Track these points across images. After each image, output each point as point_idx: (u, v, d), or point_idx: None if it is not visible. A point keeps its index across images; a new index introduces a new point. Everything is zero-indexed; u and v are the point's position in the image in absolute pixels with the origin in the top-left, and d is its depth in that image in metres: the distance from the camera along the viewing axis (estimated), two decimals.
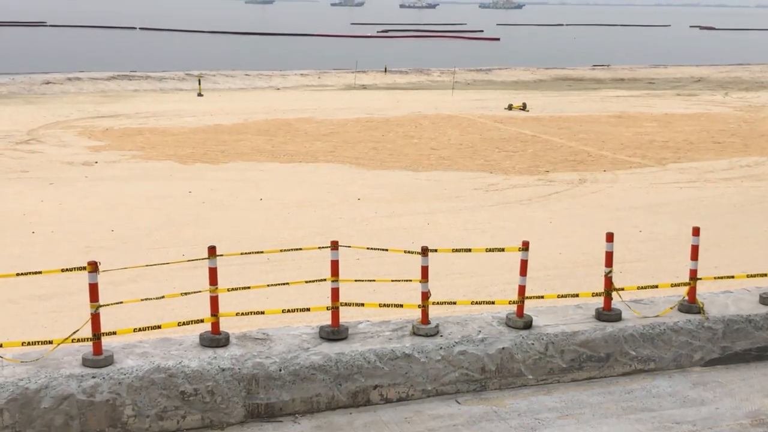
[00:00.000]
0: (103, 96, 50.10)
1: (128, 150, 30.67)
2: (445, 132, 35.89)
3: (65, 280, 14.92)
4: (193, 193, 23.44)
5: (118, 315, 12.38)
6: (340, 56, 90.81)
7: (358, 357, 8.65)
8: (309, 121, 39.15)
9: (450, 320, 9.55)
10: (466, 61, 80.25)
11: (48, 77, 55.70)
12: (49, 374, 7.85)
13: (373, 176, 26.38)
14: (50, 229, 19.23)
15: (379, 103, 47.33)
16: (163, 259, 16.25)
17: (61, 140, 32.70)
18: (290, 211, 21.46)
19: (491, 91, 56.80)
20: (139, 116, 40.45)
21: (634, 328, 9.52)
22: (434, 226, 19.93)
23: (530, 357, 9.13)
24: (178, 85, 56.51)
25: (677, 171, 27.55)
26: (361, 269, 15.99)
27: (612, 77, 69.79)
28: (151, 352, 8.40)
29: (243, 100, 48.63)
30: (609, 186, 25.04)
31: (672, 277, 14.99)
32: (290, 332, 9.09)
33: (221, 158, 29.23)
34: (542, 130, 36.69)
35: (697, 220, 18.94)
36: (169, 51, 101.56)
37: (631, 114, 43.38)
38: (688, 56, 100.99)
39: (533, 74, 70.55)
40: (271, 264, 16.43)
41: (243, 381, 8.28)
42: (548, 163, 28.76)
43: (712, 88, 60.31)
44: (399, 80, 64.41)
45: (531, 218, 20.90)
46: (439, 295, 12.39)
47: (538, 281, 15.02)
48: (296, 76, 63.04)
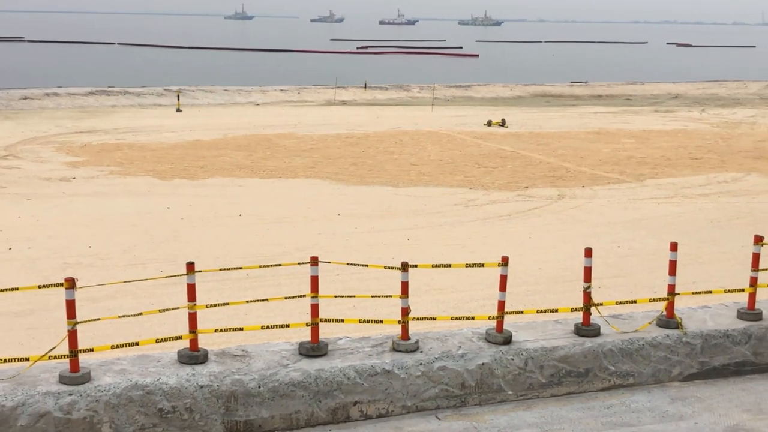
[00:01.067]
0: (82, 111, 49.88)
1: (106, 166, 30.52)
2: (425, 148, 35.98)
3: (42, 296, 14.80)
4: (171, 208, 23.35)
5: (96, 332, 12.30)
6: (320, 72, 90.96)
7: (338, 373, 8.62)
8: (289, 136, 39.13)
9: (430, 336, 9.54)
10: (445, 78, 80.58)
11: (26, 93, 55.41)
12: (26, 391, 7.77)
13: (353, 192, 26.38)
14: (27, 245, 19.08)
15: (359, 119, 47.40)
16: (141, 275, 16.16)
17: (39, 156, 32.51)
18: (270, 226, 21.41)
19: (471, 108, 57.02)
20: (118, 132, 40.29)
21: (613, 343, 9.55)
22: (414, 242, 19.94)
23: (510, 372, 9.13)
24: (157, 100, 56.35)
25: (655, 187, 27.73)
26: (341, 285, 15.96)
27: (590, 94, 70.25)
28: (129, 369, 8.34)
29: (222, 116, 48.56)
30: (587, 202, 25.16)
31: (650, 292, 15.06)
32: (269, 349, 9.05)
33: (200, 174, 29.14)
34: (521, 146, 36.85)
35: (674, 235, 19.05)
36: (148, 66, 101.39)
37: (609, 130, 43.66)
38: (666, 73, 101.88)
39: (512, 90, 70.91)
40: (251, 280, 16.37)
41: (222, 398, 8.23)
42: (527, 179, 28.87)
43: (689, 105, 60.82)
44: (379, 96, 64.56)
45: (510, 234, 20.95)
46: (419, 311, 12.38)
47: (518, 296, 15.04)
48: (276, 92, 63.05)
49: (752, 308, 10.32)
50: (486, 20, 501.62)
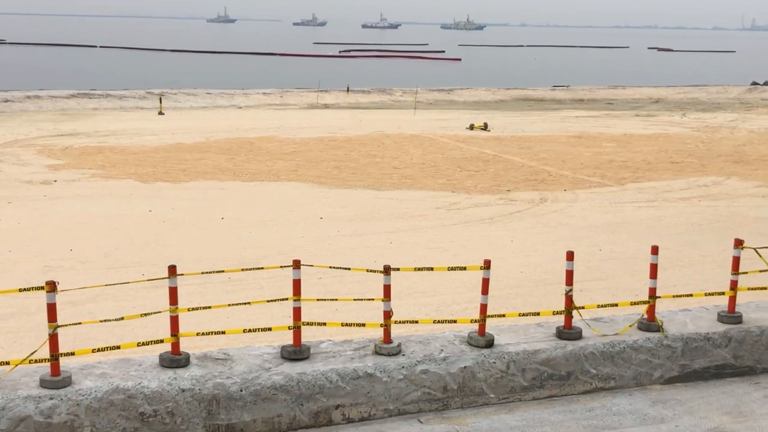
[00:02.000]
0: (63, 114, 49.63)
1: (88, 168, 30.38)
2: (407, 151, 36.02)
3: (23, 299, 14.71)
4: (153, 212, 23.26)
5: (77, 335, 12.24)
6: (303, 75, 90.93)
7: (320, 377, 8.62)
8: (271, 140, 39.08)
9: (412, 339, 9.55)
10: (428, 81, 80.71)
11: (7, 95, 55.08)
12: (6, 395, 7.73)
13: (335, 195, 26.38)
14: (8, 248, 18.96)
15: (342, 123, 47.40)
16: (122, 278, 16.09)
17: (20, 159, 32.32)
18: (252, 230, 21.37)
19: (453, 111, 57.13)
20: (99, 134, 40.11)
21: (595, 347, 9.59)
22: (397, 245, 19.95)
23: (492, 376, 9.15)
24: (138, 103, 56.15)
25: (636, 191, 27.86)
26: (324, 288, 15.95)
27: (572, 98, 70.54)
28: (110, 372, 8.31)
29: (205, 119, 48.43)
30: (569, 205, 25.25)
31: (631, 296, 15.13)
32: (251, 352, 9.04)
33: (182, 177, 29.05)
34: (503, 150, 36.95)
35: (655, 239, 19.15)
36: (130, 69, 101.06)
37: (591, 134, 43.85)
38: (647, 77, 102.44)
39: (494, 94, 71.10)
40: (233, 283, 16.34)
41: (203, 402, 8.21)
42: (509, 183, 28.95)
43: (670, 109, 61.17)
44: (361, 100, 64.58)
45: (493, 237, 21.00)
46: (401, 314, 12.39)
47: (500, 300, 15.08)
48: (258, 95, 62.95)
49: (732, 311, 10.39)
50: (468, 24, 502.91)
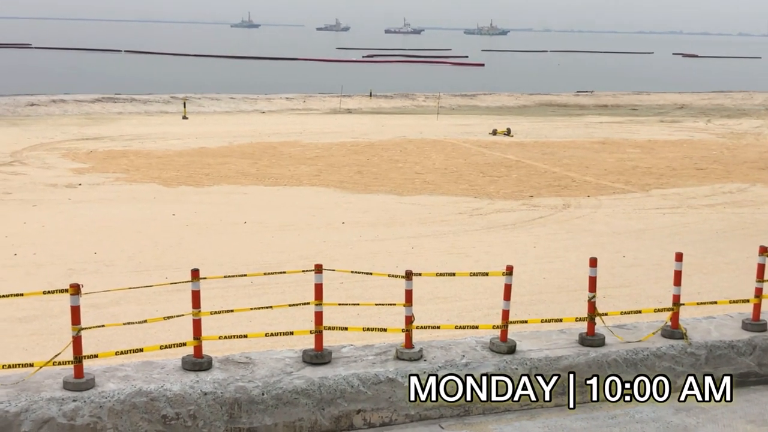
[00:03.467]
0: (88, 118, 50.00)
1: (112, 172, 30.58)
2: (429, 156, 35.99)
3: (47, 302, 14.81)
4: (176, 215, 23.38)
5: (100, 338, 12.31)
6: (326, 80, 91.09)
7: (342, 381, 8.62)
8: (294, 144, 39.17)
9: (434, 344, 9.53)
10: (451, 87, 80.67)
11: (33, 99, 55.57)
12: (30, 397, 7.78)
13: (357, 200, 26.39)
14: (32, 251, 19.11)
15: (364, 128, 47.44)
16: (145, 282, 16.17)
17: (45, 162, 32.58)
18: (274, 234, 21.42)
19: (476, 117, 57.05)
20: (124, 138, 40.37)
21: (618, 353, 9.53)
22: (418, 250, 19.93)
23: None
24: (163, 107, 56.47)
25: (660, 197, 27.70)
26: (345, 293, 15.96)
27: (595, 103, 70.25)
28: (133, 375, 8.35)
29: (228, 124, 48.63)
30: (593, 211, 25.13)
31: (655, 303, 15.03)
32: (273, 356, 9.05)
33: (205, 181, 29.18)
34: (526, 156, 36.84)
35: (680, 245, 19.02)
36: (155, 74, 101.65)
37: (615, 140, 43.64)
38: (671, 83, 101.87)
39: (517, 100, 70.94)
40: (255, 287, 16.37)
41: (225, 405, 8.23)
42: (532, 188, 28.86)
43: (695, 115, 60.78)
44: (384, 105, 64.62)
45: (515, 243, 20.93)
46: (422, 320, 12.37)
47: (522, 306, 15.02)
48: (281, 100, 63.15)
49: (757, 319, 10.30)
50: (492, 30, 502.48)
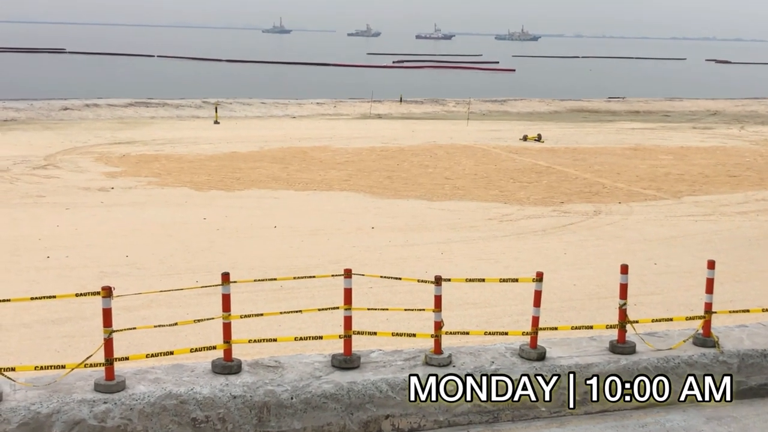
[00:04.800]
0: (121, 122, 50.46)
1: (144, 176, 30.83)
2: (459, 162, 35.95)
3: (79, 304, 14.96)
4: (207, 219, 23.52)
5: (131, 340, 12.41)
6: (356, 85, 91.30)
7: (370, 386, 8.62)
8: (324, 149, 39.29)
9: (463, 350, 9.51)
10: (481, 92, 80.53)
11: (66, 103, 56.18)
12: (61, 399, 7.85)
13: (387, 205, 26.41)
14: (65, 253, 19.31)
15: (394, 133, 47.47)
16: (176, 285, 16.28)
17: (78, 166, 32.92)
18: (304, 238, 21.49)
19: (506, 122, 56.90)
20: (156, 143, 40.70)
21: (649, 361, 9.46)
22: (448, 256, 19.90)
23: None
24: (195, 112, 56.87)
25: (692, 204, 27.47)
26: (374, 298, 15.97)
27: (627, 110, 69.82)
28: (163, 378, 8.40)
29: (259, 128, 48.87)
30: (624, 218, 24.97)
31: (687, 311, 14.90)
32: (302, 360, 9.07)
33: (236, 185, 29.34)
34: (557, 162, 36.69)
35: (712, 253, 18.85)
36: (187, 78, 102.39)
37: (647, 146, 43.35)
38: (704, 89, 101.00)
39: (548, 105, 70.67)
40: (284, 291, 16.43)
41: (254, 408, 8.25)
42: (563, 195, 28.73)
43: (728, 122, 60.22)
44: (414, 110, 64.63)
45: (545, 249, 20.84)
46: (452, 325, 12.35)
47: (552, 312, 14.95)
48: (312, 105, 63.36)
49: None
50: (523, 35, 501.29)
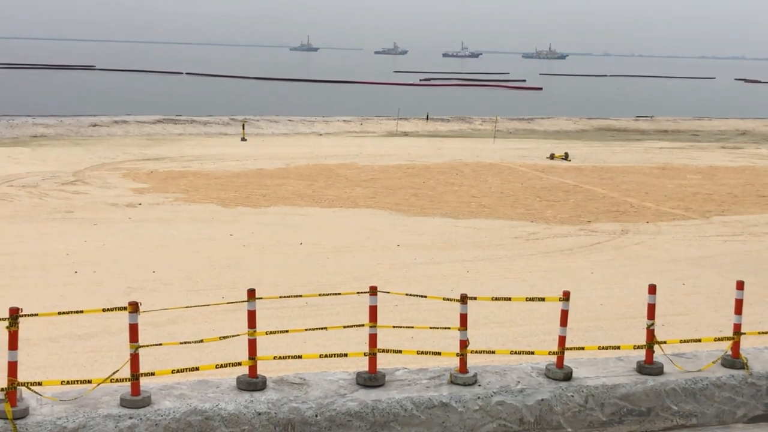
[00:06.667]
0: (149, 139, 50.86)
1: (172, 192, 31.02)
2: (486, 180, 35.88)
3: (106, 319, 15.04)
4: (234, 236, 23.61)
5: (157, 356, 12.45)
6: (383, 103, 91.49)
7: (395, 404, 8.58)
8: (350, 166, 39.37)
9: (488, 369, 9.46)
10: (508, 110, 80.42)
11: (95, 120, 56.69)
12: (87, 414, 7.88)
13: (413, 223, 26.39)
14: (92, 269, 19.44)
15: (421, 150, 47.49)
16: (202, 301, 16.33)
17: (106, 182, 33.18)
18: (329, 255, 21.50)
19: (533, 140, 56.77)
20: (184, 159, 40.96)
21: (676, 383, 9.36)
22: (474, 274, 19.84)
23: (570, 409, 8.99)
24: (222, 129, 57.19)
25: (721, 224, 27.23)
26: (400, 315, 15.93)
27: (656, 128, 69.45)
28: (189, 394, 8.41)
29: (286, 145, 49.07)
30: (652, 238, 24.80)
31: (715, 332, 14.74)
32: (327, 377, 9.06)
33: (263, 202, 29.44)
34: (584, 180, 36.53)
35: (741, 274, 18.64)
36: (215, 96, 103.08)
37: (675, 166, 43.07)
38: (733, 109, 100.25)
39: (576, 124, 70.45)
40: (310, 308, 16.44)
41: (279, 425, 8.24)
42: (590, 213, 28.58)
43: (757, 141, 59.72)
44: (441, 128, 64.65)
45: (572, 268, 20.73)
46: (477, 344, 12.29)
47: (579, 332, 14.85)
48: (339, 122, 63.54)
49: None
50: (550, 53, 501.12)
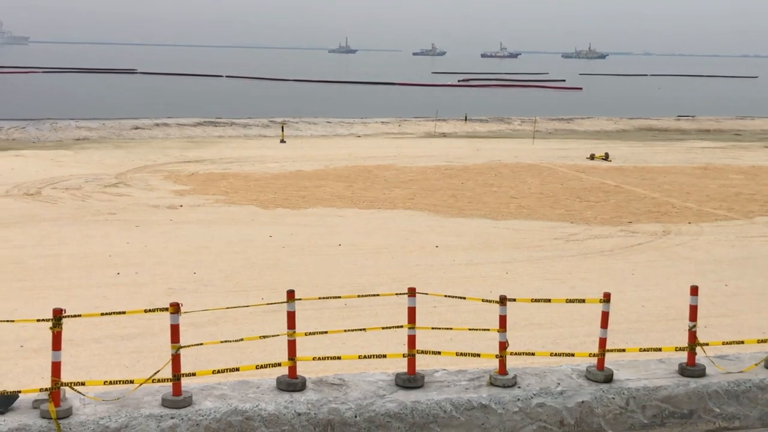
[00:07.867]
0: (190, 141, 51.30)
1: (212, 194, 31.27)
2: (525, 181, 35.72)
3: (148, 320, 15.21)
4: (273, 237, 23.74)
5: (198, 356, 12.56)
6: (421, 104, 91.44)
7: (434, 406, 8.58)
8: (388, 168, 39.40)
9: (528, 371, 9.42)
10: (547, 110, 79.96)
11: (137, 123, 57.30)
12: (129, 414, 7.98)
13: (451, 224, 26.34)
14: (135, 270, 19.66)
15: (459, 151, 47.40)
16: (242, 302, 16.44)
17: (148, 184, 33.53)
18: (368, 257, 21.54)
19: (573, 141, 56.40)
20: (224, 161, 41.27)
21: (719, 385, 9.25)
22: (513, 276, 19.76)
23: (610, 411, 8.93)
24: (261, 131, 57.51)
25: (764, 225, 26.86)
26: (438, 317, 15.92)
27: (697, 128, 68.68)
28: (229, 394, 8.48)
29: (324, 147, 49.23)
30: (694, 238, 24.53)
31: (758, 333, 14.55)
32: (366, 378, 9.08)
33: (302, 204, 29.57)
34: (625, 181, 36.22)
35: None
36: (254, 98, 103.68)
37: (717, 166, 42.56)
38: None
39: (616, 124, 69.87)
40: (349, 309, 16.48)
41: (318, 426, 8.28)
42: (631, 214, 28.34)
43: None
44: (479, 128, 64.46)
45: (612, 269, 20.57)
46: (517, 346, 12.24)
47: (620, 334, 14.73)
48: (377, 124, 63.59)
49: None
50: (590, 53, 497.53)
